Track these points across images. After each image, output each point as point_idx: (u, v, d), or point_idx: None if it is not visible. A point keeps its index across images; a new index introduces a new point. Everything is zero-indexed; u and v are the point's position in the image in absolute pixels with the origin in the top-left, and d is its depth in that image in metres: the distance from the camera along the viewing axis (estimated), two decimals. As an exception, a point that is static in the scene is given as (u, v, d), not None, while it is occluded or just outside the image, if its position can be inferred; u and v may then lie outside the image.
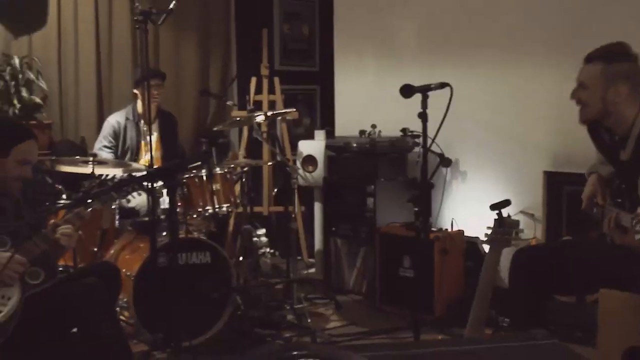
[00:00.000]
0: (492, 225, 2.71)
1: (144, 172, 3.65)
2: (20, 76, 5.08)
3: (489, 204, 2.88)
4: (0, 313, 2.65)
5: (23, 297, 2.73)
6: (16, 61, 5.08)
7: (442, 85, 2.93)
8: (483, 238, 2.85)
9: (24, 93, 5.08)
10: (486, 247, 4.23)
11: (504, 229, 2.64)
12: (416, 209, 2.84)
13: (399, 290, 4.44)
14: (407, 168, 4.94)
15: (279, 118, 5.64)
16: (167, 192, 2.10)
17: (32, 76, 5.15)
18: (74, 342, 2.91)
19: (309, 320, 4.12)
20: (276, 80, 5.77)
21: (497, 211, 2.63)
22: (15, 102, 5.06)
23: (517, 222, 2.74)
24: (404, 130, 4.73)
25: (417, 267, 4.28)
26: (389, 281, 4.53)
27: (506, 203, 2.65)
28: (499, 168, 4.61)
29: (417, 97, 3.06)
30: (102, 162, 4.11)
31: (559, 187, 4.21)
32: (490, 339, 2.83)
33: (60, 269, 3.93)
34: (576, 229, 4.08)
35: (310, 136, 5.83)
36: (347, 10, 5.49)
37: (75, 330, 2.96)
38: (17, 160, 2.90)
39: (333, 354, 1.08)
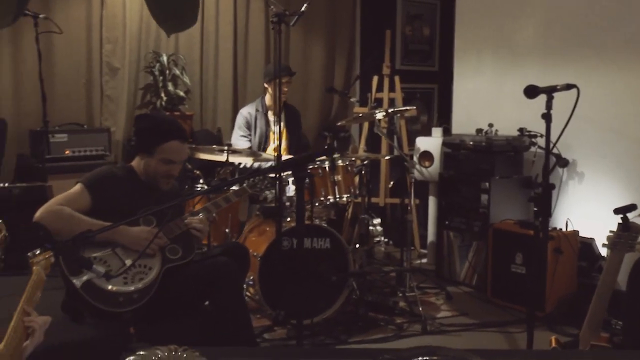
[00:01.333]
0: (615, 229, 2.48)
1: (276, 164, 3.66)
2: (167, 72, 5.27)
3: (608, 206, 2.65)
4: (142, 280, 2.75)
5: (162, 269, 2.82)
6: (164, 58, 5.27)
7: (569, 86, 2.72)
8: (599, 239, 2.63)
9: (170, 87, 5.26)
10: (603, 249, 3.97)
11: (628, 233, 2.41)
12: (536, 209, 2.66)
13: (509, 285, 4.25)
14: (522, 167, 4.70)
15: (398, 115, 5.53)
16: (295, 182, 2.06)
17: (177, 72, 5.32)
18: (202, 314, 2.96)
19: (420, 308, 4.00)
20: (397, 79, 5.66)
21: (621, 215, 2.41)
22: (163, 95, 5.25)
23: (642, 227, 2.50)
24: (521, 129, 4.50)
25: (530, 264, 4.07)
26: (500, 276, 4.33)
27: (632, 207, 2.42)
28: (619, 170, 4.27)
29: (535, 97, 2.86)
30: (235, 151, 4.16)
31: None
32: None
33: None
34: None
35: (427, 133, 5.69)
36: (467, 12, 5.29)
37: (207, 303, 3.02)
38: (160, 159, 2.94)
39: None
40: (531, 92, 2.74)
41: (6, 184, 3.73)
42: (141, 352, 0.98)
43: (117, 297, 2.68)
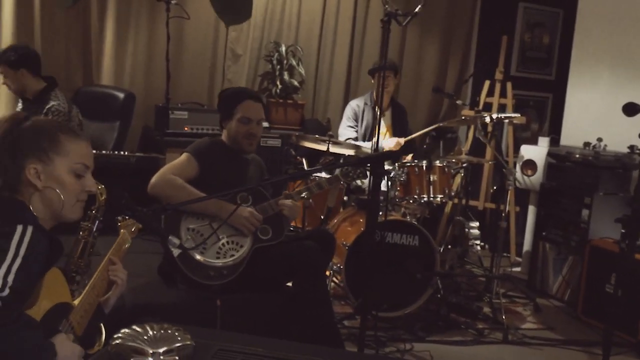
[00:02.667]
0: None
1: (359, 158, 3.62)
2: (284, 62, 5.35)
3: None
4: (232, 257, 2.82)
5: (252, 248, 2.87)
6: (283, 49, 5.36)
7: (671, 106, 2.50)
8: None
9: (286, 76, 5.35)
10: None
11: None
12: (623, 231, 2.46)
13: (602, 305, 3.97)
14: (630, 185, 4.38)
15: (507, 121, 5.32)
16: (372, 177, 2.02)
17: (294, 62, 5.39)
18: (286, 293, 2.99)
19: (504, 317, 3.84)
20: (509, 85, 5.43)
21: None
22: (278, 83, 5.34)
23: None
24: (631, 147, 4.19)
25: (625, 286, 3.78)
26: (593, 294, 4.07)
27: None
28: None
29: (634, 115, 2.64)
30: (336, 143, 4.17)
31: None
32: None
33: (291, 229, 4.11)
34: None
35: (536, 141, 5.43)
36: (588, 23, 4.96)
37: (290, 284, 3.05)
38: (238, 119, 3.02)
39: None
40: (630, 109, 2.53)
41: (126, 152, 3.95)
42: (135, 327, 1.00)
43: (208, 271, 2.76)
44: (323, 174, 3.94)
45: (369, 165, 2.00)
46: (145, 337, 0.96)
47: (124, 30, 4.97)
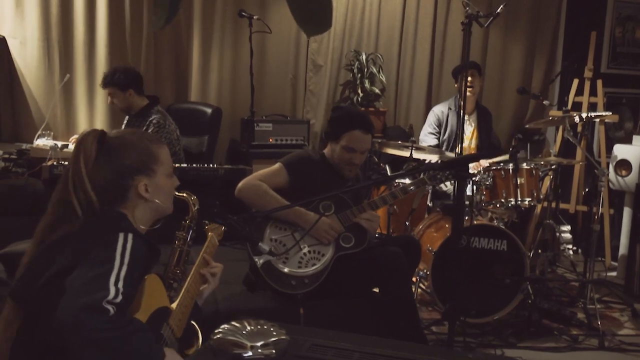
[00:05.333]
0: None
1: (440, 162, 3.61)
2: (365, 70, 5.41)
3: None
4: (314, 266, 2.87)
5: (334, 256, 2.92)
6: (363, 57, 5.42)
7: None
8: None
9: (366, 84, 5.41)
10: None
11: None
12: None
13: None
14: None
15: (597, 120, 5.14)
16: (456, 180, 2.02)
17: (374, 70, 5.44)
18: (372, 299, 3.02)
19: (599, 323, 3.71)
20: (599, 82, 5.24)
21: None
22: (359, 91, 5.40)
23: None
24: None
25: None
26: (697, 299, 3.87)
27: None
28: None
29: None
30: (419, 148, 4.18)
31: None
32: None
33: (377, 235, 4.13)
34: None
35: (630, 140, 5.21)
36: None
37: (376, 289, 3.08)
38: (343, 146, 3.04)
39: None
40: None
41: (215, 165, 4.12)
42: (233, 323, 1.07)
43: (290, 280, 2.82)
44: (406, 180, 3.95)
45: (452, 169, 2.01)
46: (244, 332, 1.04)
47: (209, 47, 5.19)
